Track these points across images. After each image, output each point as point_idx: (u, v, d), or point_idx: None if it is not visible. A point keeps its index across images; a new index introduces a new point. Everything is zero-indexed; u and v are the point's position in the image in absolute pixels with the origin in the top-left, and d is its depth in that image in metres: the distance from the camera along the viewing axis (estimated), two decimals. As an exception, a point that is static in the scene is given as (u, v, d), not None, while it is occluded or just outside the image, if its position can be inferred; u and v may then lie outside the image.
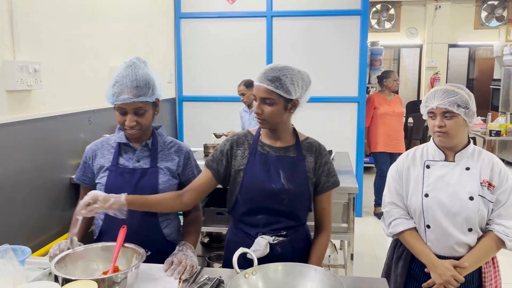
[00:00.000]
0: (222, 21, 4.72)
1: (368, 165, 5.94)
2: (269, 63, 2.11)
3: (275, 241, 1.60)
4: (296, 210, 1.65)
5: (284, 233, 1.62)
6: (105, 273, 1.41)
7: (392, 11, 8.27)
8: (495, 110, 7.51)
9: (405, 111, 6.34)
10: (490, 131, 5.55)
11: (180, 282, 1.44)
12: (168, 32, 4.62)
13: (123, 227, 1.50)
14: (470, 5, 8.09)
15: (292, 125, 1.70)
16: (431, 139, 1.80)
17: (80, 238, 1.69)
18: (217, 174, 1.67)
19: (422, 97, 7.00)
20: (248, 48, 4.70)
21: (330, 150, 3.06)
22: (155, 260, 1.54)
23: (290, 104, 1.58)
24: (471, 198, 1.67)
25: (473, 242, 1.71)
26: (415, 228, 1.79)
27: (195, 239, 1.78)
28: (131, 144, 1.74)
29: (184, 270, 1.48)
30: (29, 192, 2.23)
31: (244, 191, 1.62)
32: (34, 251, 2.08)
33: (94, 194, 1.49)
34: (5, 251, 1.38)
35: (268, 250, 1.57)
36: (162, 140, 1.79)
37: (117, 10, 3.27)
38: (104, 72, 3.02)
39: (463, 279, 1.68)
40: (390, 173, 1.88)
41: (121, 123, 1.67)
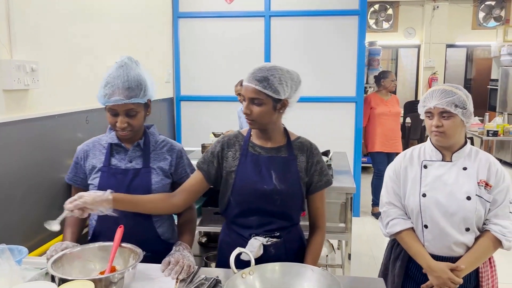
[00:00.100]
0: (220, 20, 4.71)
1: (366, 165, 5.95)
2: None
3: (269, 242, 1.59)
4: (289, 211, 1.64)
5: (278, 234, 1.62)
6: (102, 273, 1.41)
7: (390, 11, 8.28)
8: (492, 110, 7.54)
9: (402, 111, 6.35)
10: (487, 131, 5.56)
11: (177, 282, 1.44)
12: (166, 32, 4.60)
13: (120, 226, 1.50)
14: (468, 5, 8.10)
15: (283, 124, 1.69)
16: (428, 139, 1.81)
17: (76, 239, 1.69)
18: (208, 175, 1.65)
19: (420, 97, 7.02)
20: (246, 48, 4.69)
21: (328, 150, 3.06)
22: (150, 260, 1.53)
23: (279, 104, 1.57)
24: (469, 198, 1.67)
25: (470, 242, 1.71)
26: (413, 228, 1.79)
27: (191, 239, 1.77)
28: (123, 145, 1.72)
29: (182, 270, 1.48)
30: (26, 192, 2.22)
31: (236, 192, 1.61)
32: (31, 251, 2.07)
33: (81, 193, 1.49)
34: (1, 251, 1.37)
35: (261, 252, 1.56)
36: (154, 140, 1.77)
37: (114, 10, 3.26)
38: (101, 72, 2.98)
39: (461, 280, 1.68)
40: (387, 173, 1.88)
41: (112, 124, 1.66)
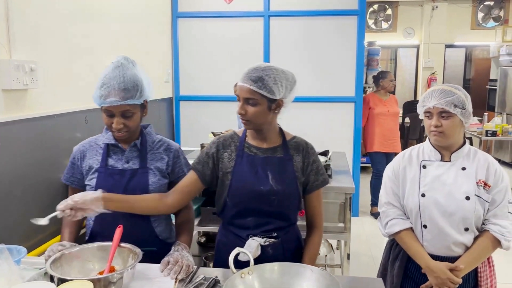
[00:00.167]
0: (220, 20, 4.71)
1: (365, 165, 5.95)
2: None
3: (266, 243, 1.59)
4: (286, 211, 1.64)
5: (275, 234, 1.61)
6: (101, 273, 1.41)
7: (389, 11, 8.28)
8: (491, 110, 7.55)
9: (401, 111, 6.35)
10: (486, 131, 5.56)
11: (176, 282, 1.44)
12: (165, 32, 4.60)
13: (119, 226, 1.49)
14: (466, 5, 8.10)
15: (278, 124, 1.68)
16: (427, 139, 1.81)
17: (73, 239, 1.69)
18: (203, 176, 1.64)
19: (419, 97, 7.03)
20: (245, 48, 4.69)
21: (327, 150, 3.06)
22: (148, 260, 1.53)
23: (274, 104, 1.56)
24: (468, 198, 1.67)
25: (469, 242, 1.71)
26: (412, 228, 1.79)
27: (189, 239, 1.77)
28: (119, 145, 1.71)
29: (181, 270, 1.47)
30: (25, 191, 2.21)
31: (233, 193, 1.60)
32: (29, 251, 2.07)
33: (73, 195, 1.49)
34: (0, 251, 1.37)
35: (259, 252, 1.56)
36: (151, 140, 1.76)
37: (114, 10, 3.26)
38: (100, 72, 3.00)
39: (460, 280, 1.68)
40: (386, 173, 1.88)
41: (108, 125, 1.64)
